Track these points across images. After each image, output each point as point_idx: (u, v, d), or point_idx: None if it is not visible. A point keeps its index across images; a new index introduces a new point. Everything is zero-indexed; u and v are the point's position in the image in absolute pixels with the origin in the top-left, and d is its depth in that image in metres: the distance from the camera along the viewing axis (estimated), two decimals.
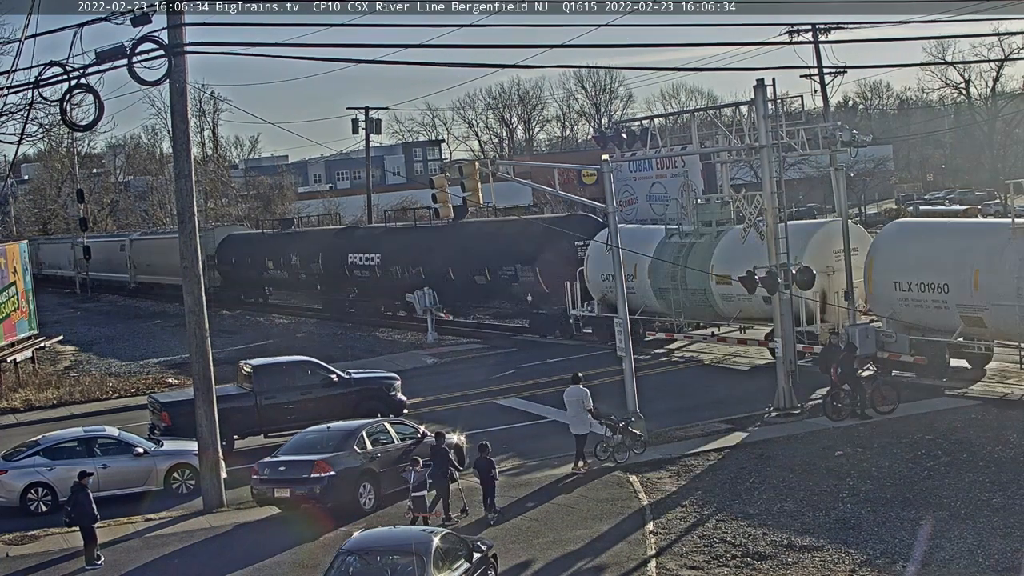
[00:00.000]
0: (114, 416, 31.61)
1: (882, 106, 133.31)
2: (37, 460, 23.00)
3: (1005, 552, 16.17)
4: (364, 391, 28.22)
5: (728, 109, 36.35)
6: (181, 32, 21.10)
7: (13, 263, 39.50)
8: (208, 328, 22.60)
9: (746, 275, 25.98)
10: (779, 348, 25.72)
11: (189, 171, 22.37)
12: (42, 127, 41.83)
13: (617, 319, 25.30)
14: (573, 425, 22.83)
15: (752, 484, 20.66)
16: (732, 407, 26.82)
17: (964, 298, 26.20)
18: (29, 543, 20.53)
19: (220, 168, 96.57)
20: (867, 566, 16.23)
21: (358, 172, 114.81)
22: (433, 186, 25.87)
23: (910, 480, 20.08)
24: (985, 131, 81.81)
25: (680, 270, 33.17)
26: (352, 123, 69.16)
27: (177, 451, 23.85)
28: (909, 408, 24.95)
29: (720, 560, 17.02)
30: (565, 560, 17.53)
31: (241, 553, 19.12)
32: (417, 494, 19.58)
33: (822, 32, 54.15)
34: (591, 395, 22.98)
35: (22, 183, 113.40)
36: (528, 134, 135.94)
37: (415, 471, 19.73)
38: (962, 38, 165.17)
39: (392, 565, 14.55)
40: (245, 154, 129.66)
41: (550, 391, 29.17)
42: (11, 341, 38.62)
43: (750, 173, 55.27)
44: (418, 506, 19.55)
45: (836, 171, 29.61)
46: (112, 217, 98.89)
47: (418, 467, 19.88)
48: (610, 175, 25.47)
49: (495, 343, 41.44)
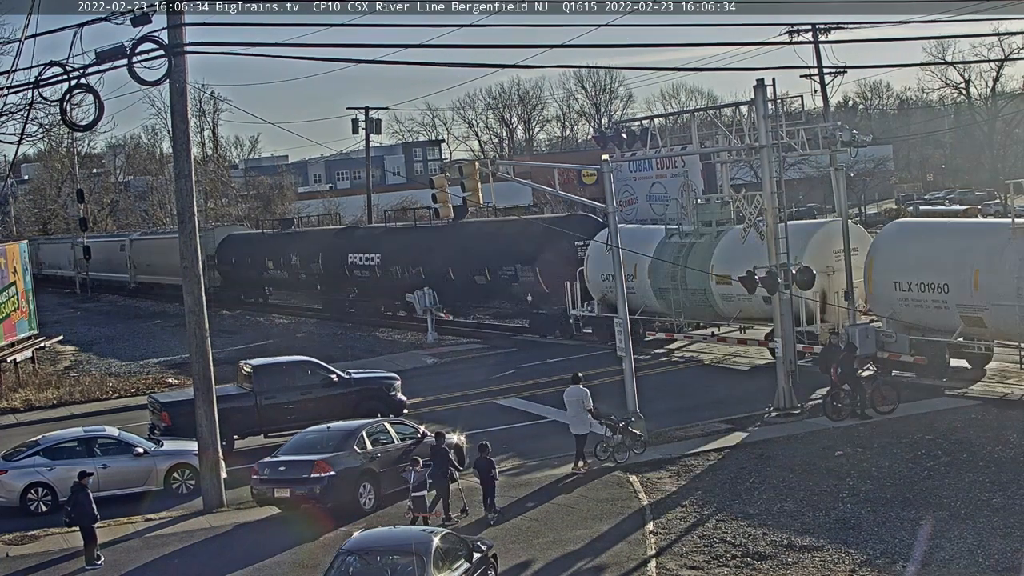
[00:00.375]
0: (114, 416, 31.61)
1: (882, 106, 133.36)
2: (37, 460, 22.99)
3: (1005, 552, 16.17)
4: (364, 391, 28.22)
5: (728, 109, 36.37)
6: (181, 32, 21.10)
7: (13, 263, 39.51)
8: (208, 328, 22.61)
9: (746, 275, 25.98)
10: (779, 348, 25.72)
11: (189, 171, 22.37)
12: (42, 127, 41.88)
13: (617, 319, 25.29)
14: (573, 425, 22.83)
15: (752, 484, 20.66)
16: (732, 407, 26.82)
17: (964, 298, 26.20)
18: (29, 543, 20.53)
19: (220, 168, 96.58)
20: (867, 566, 16.23)
21: (358, 172, 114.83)
22: (433, 186, 25.88)
23: (910, 480, 20.08)
24: (985, 131, 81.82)
25: (680, 270, 33.17)
26: (352, 123, 69.22)
27: (177, 451, 23.85)
28: (909, 408, 24.96)
29: (720, 560, 17.01)
30: (565, 560, 17.53)
31: (241, 553, 19.12)
32: (417, 494, 19.61)
33: (822, 32, 54.17)
34: (591, 395, 22.98)
35: (22, 183, 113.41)
36: (528, 134, 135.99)
37: (415, 471, 19.77)
38: (962, 38, 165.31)
39: (392, 565, 14.55)
40: (245, 154, 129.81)
41: (550, 391, 29.17)
42: (11, 341, 38.63)
43: (750, 173, 55.26)
44: (418, 506, 19.59)
45: (836, 171, 29.61)
46: (112, 217, 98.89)
47: (418, 467, 19.91)
48: (610, 175, 25.47)
49: (495, 343, 41.44)
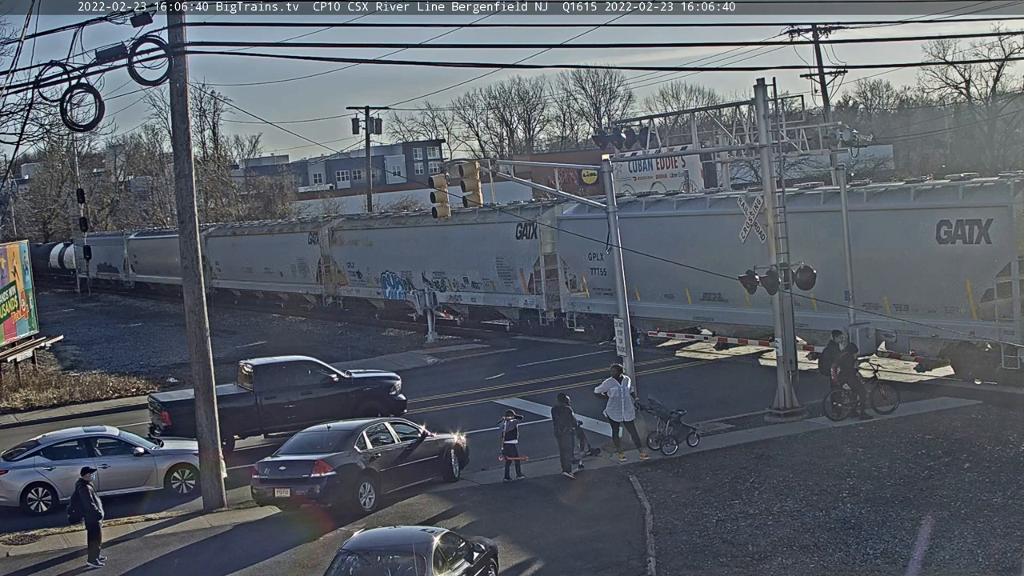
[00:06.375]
0: (114, 416, 31.61)
1: (882, 106, 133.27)
2: (37, 460, 23.01)
3: (1005, 552, 16.18)
4: (364, 391, 28.24)
5: (728, 109, 36.32)
6: (181, 32, 21.10)
7: (13, 263, 39.53)
8: (208, 328, 22.63)
9: (746, 275, 25.97)
10: (779, 348, 25.72)
11: (189, 171, 22.38)
12: (42, 127, 41.79)
13: (617, 319, 25.29)
14: (625, 412, 23.32)
15: (752, 484, 20.66)
16: (732, 407, 26.83)
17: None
18: (29, 543, 20.54)
19: (220, 168, 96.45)
20: (867, 566, 16.24)
21: (358, 172, 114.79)
22: (433, 186, 25.90)
23: (910, 480, 20.09)
24: (985, 131, 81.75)
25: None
26: (352, 123, 69.17)
27: (177, 451, 23.86)
28: (909, 408, 24.97)
29: (720, 560, 17.02)
30: (565, 560, 17.54)
31: (241, 553, 19.13)
32: (509, 442, 22.36)
33: (822, 32, 54.09)
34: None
35: (22, 183, 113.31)
36: (528, 134, 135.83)
37: (508, 420, 22.51)
38: (962, 38, 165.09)
39: (392, 565, 14.57)
40: (245, 154, 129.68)
41: (550, 391, 29.16)
42: (11, 341, 38.63)
43: (750, 173, 55.24)
44: (509, 451, 22.36)
45: (836, 171, 29.61)
46: (112, 217, 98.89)
47: (511, 417, 22.58)
48: (610, 175, 25.48)
49: (495, 343, 41.44)
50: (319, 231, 54.10)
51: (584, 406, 24.76)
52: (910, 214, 27.24)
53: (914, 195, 27.45)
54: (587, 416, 24.27)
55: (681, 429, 23.36)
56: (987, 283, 25.30)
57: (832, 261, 27.13)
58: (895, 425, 23.79)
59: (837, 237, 27.68)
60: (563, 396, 23.07)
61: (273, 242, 58.63)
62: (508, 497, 21.37)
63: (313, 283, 54.93)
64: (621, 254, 25.21)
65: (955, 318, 26.17)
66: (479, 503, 21.20)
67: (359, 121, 68.98)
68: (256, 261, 60.42)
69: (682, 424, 23.39)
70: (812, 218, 29.05)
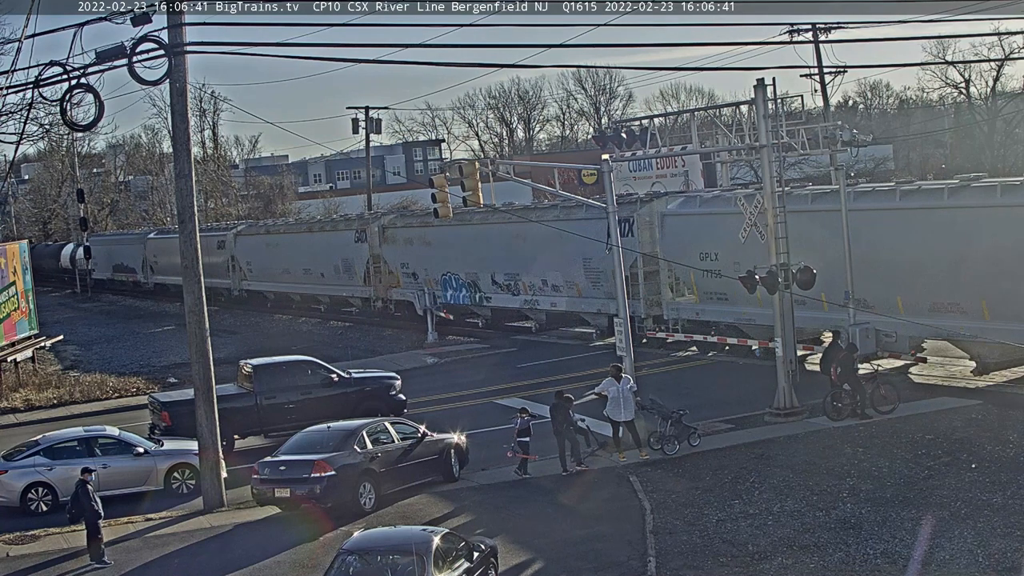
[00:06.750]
0: (114, 416, 31.62)
1: (882, 106, 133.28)
2: (37, 460, 23.01)
3: (1005, 552, 16.17)
4: (364, 391, 28.24)
5: (728, 109, 36.38)
6: (181, 32, 21.10)
7: (13, 263, 39.54)
8: (208, 327, 22.63)
9: (746, 275, 25.97)
10: (779, 348, 25.72)
11: (189, 171, 22.38)
12: (42, 127, 41.82)
13: (617, 319, 25.29)
14: (623, 412, 23.34)
15: (752, 484, 20.66)
16: (732, 407, 26.82)
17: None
18: (29, 543, 20.54)
19: (220, 168, 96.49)
20: (867, 566, 16.24)
21: (358, 172, 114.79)
22: (433, 186, 25.89)
23: (910, 480, 20.09)
24: (985, 131, 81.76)
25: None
26: (352, 123, 69.19)
27: (177, 451, 23.86)
28: (909, 408, 24.96)
29: (720, 560, 17.02)
30: (565, 560, 17.53)
31: (241, 553, 19.12)
32: (522, 439, 22.59)
33: (822, 32, 54.11)
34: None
35: (22, 183, 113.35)
36: (528, 134, 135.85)
37: (521, 418, 22.84)
38: (962, 38, 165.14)
39: (392, 565, 14.57)
40: (245, 154, 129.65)
41: (550, 391, 29.14)
42: (11, 341, 38.64)
43: (750, 173, 55.25)
44: (523, 449, 22.57)
45: (836, 171, 29.61)
46: (112, 217, 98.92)
47: (525, 415, 22.90)
48: (610, 175, 25.48)
49: (495, 343, 41.44)
50: (367, 228, 49.53)
51: (584, 406, 24.77)
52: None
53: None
54: (588, 416, 24.26)
55: (682, 429, 23.38)
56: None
57: (921, 260, 26.65)
58: (895, 425, 23.79)
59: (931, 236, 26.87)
60: (561, 393, 23.14)
61: (313, 241, 54.07)
62: (508, 497, 21.37)
63: (360, 285, 50.56)
64: (620, 254, 25.18)
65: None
66: (479, 503, 21.20)
67: (359, 121, 69.01)
68: (293, 261, 55.46)
69: (683, 424, 23.41)
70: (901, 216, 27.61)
